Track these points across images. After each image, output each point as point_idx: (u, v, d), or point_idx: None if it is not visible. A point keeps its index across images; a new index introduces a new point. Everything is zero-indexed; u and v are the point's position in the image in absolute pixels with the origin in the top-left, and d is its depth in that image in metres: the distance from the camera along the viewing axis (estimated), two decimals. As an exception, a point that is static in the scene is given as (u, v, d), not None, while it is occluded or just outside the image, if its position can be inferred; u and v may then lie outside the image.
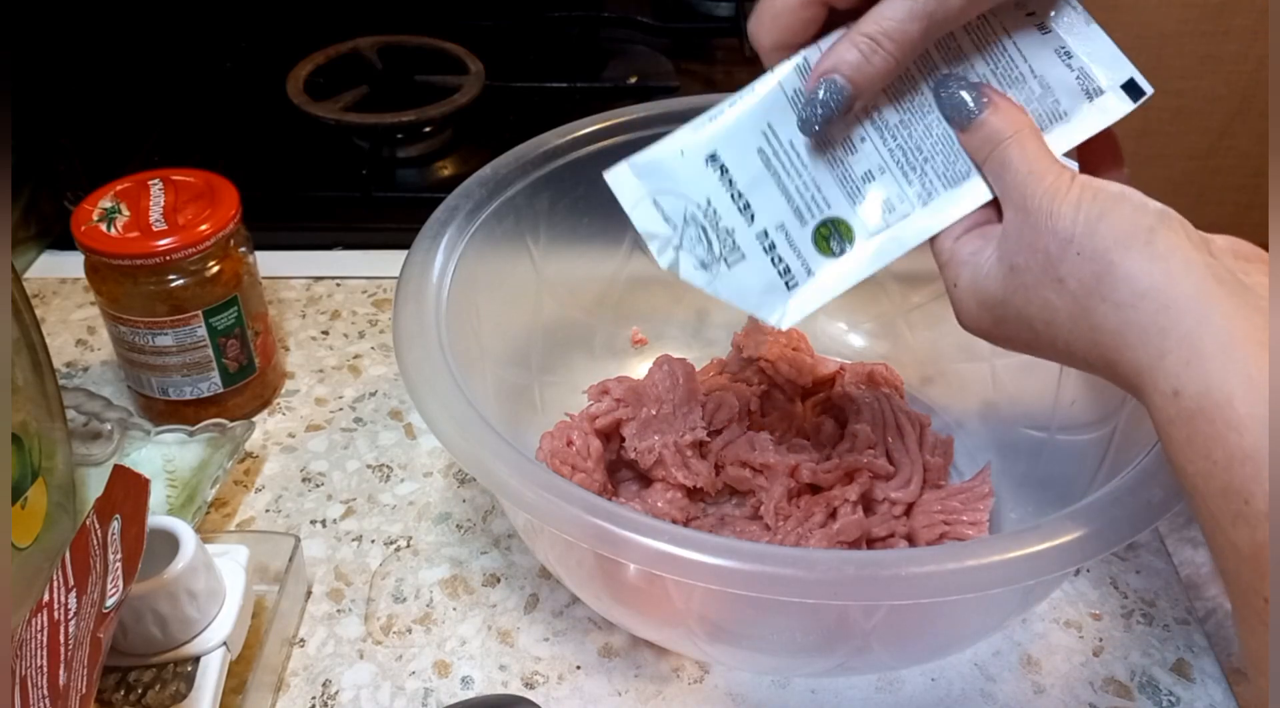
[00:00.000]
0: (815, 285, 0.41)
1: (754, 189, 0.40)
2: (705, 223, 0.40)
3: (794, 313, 0.41)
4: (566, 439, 0.51)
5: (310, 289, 0.72)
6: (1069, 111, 0.39)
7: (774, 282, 0.41)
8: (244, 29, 0.96)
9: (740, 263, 0.41)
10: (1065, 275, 0.34)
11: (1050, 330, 0.35)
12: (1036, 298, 0.35)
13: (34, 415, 0.48)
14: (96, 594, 0.37)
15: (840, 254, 0.40)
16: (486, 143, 0.77)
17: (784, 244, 0.40)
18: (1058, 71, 0.39)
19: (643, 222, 0.41)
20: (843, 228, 0.40)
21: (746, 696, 0.48)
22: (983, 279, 0.37)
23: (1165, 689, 0.48)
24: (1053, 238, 0.34)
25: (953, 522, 0.50)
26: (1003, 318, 0.37)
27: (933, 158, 0.39)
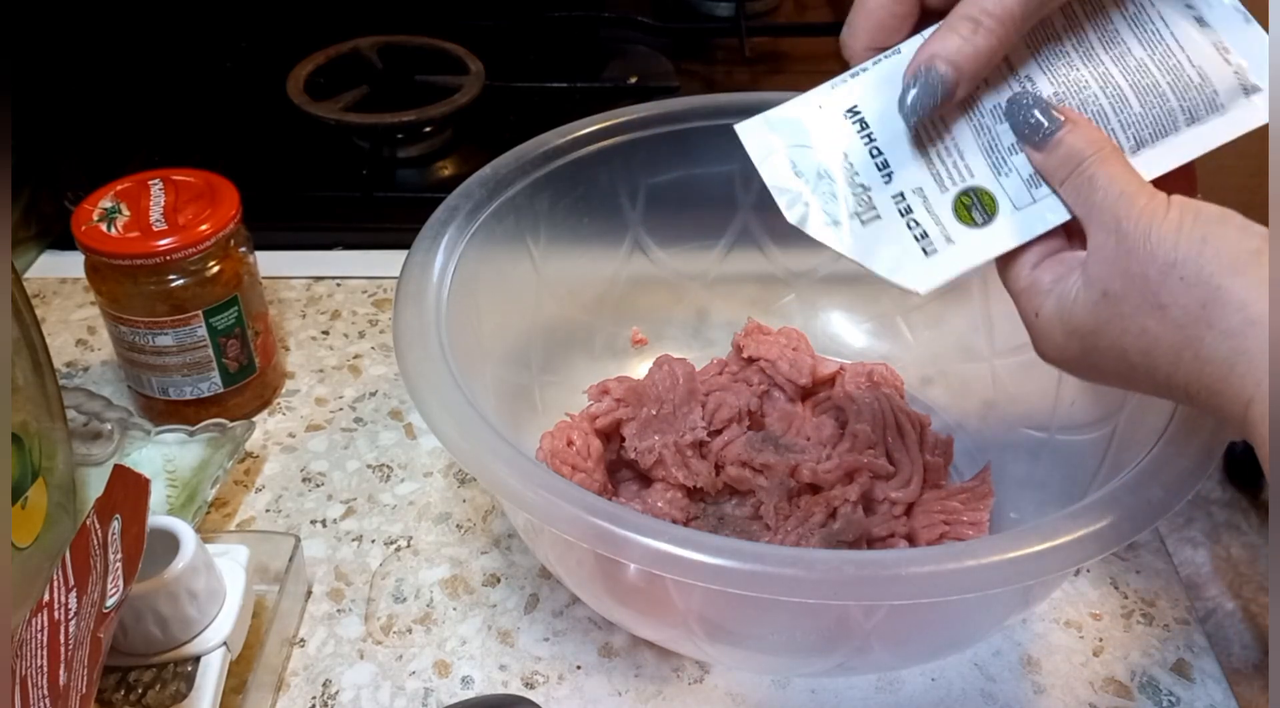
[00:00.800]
0: (955, 253, 0.39)
1: (894, 148, 0.39)
2: (840, 177, 0.39)
3: (932, 278, 0.39)
4: (567, 439, 0.51)
5: (310, 289, 0.72)
6: (1225, 104, 0.38)
7: (910, 246, 0.39)
8: (244, 29, 0.96)
9: (874, 222, 0.39)
10: (1168, 302, 0.32)
11: (1149, 361, 0.33)
12: (1134, 326, 0.33)
13: (34, 415, 0.48)
14: (97, 594, 0.37)
15: (982, 225, 0.38)
16: (487, 143, 0.77)
17: (921, 209, 0.39)
18: (1216, 64, 0.38)
19: (773, 175, 0.39)
20: (985, 198, 0.38)
21: (746, 696, 0.48)
22: (1070, 306, 0.35)
23: (1165, 689, 0.48)
24: (1152, 263, 0.32)
25: (953, 522, 0.51)
26: (1093, 348, 0.35)
27: None
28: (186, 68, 0.90)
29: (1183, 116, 0.38)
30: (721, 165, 0.59)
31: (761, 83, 0.92)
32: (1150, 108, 0.38)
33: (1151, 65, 0.38)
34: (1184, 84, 0.38)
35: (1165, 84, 0.38)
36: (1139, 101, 0.38)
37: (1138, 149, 0.38)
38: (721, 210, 0.61)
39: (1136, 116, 0.38)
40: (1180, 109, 0.38)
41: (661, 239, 0.61)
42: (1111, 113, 0.38)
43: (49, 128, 0.74)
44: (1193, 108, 0.38)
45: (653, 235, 0.61)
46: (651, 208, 0.60)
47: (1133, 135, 0.38)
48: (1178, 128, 0.38)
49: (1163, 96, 0.38)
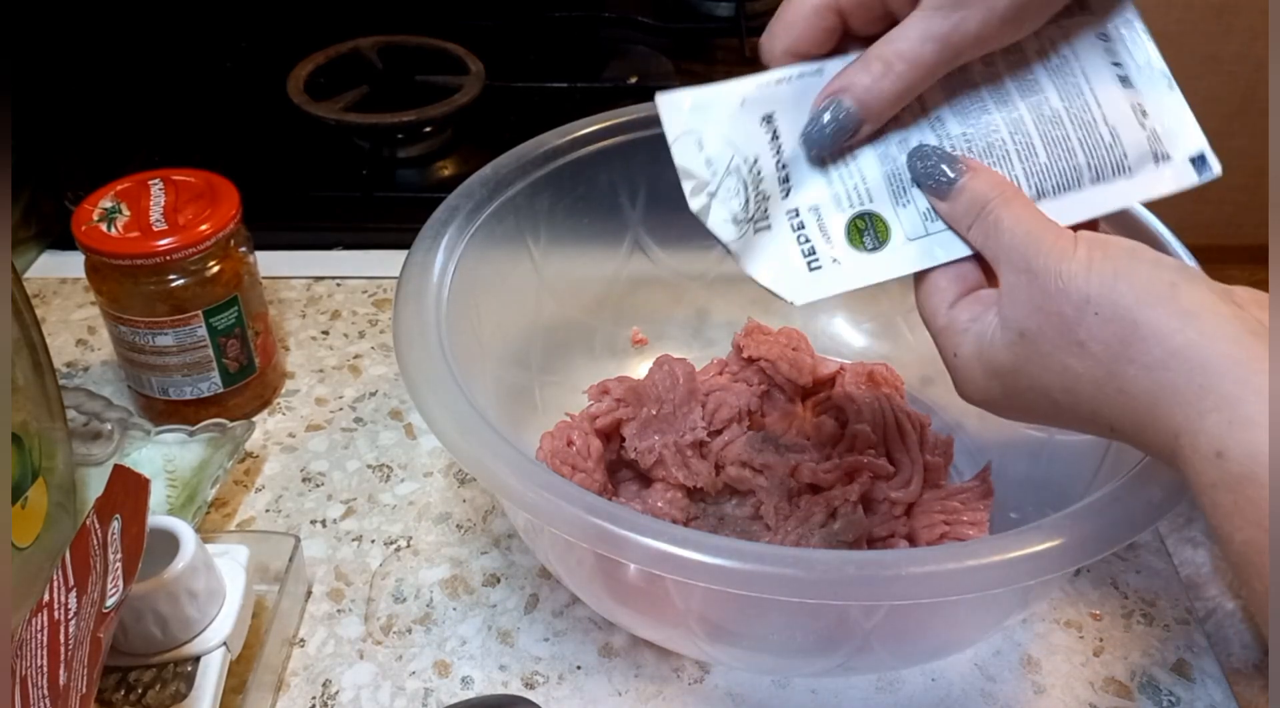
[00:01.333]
0: (839, 273, 0.39)
1: (797, 163, 0.39)
2: (747, 179, 0.39)
3: (810, 293, 0.39)
4: (567, 439, 0.51)
5: (310, 289, 0.72)
6: (1133, 169, 0.38)
7: (795, 260, 0.39)
8: (244, 29, 0.96)
9: (765, 232, 0.39)
10: (1085, 339, 0.32)
11: (1071, 398, 0.33)
12: (1055, 364, 0.33)
13: (34, 415, 0.48)
14: (97, 594, 0.37)
15: (872, 250, 0.39)
16: (487, 143, 0.77)
17: (814, 226, 0.39)
18: (1130, 127, 0.38)
19: (683, 157, 0.39)
20: (879, 224, 0.39)
21: (746, 696, 0.48)
22: (988, 347, 0.35)
23: (1165, 689, 0.48)
24: (1066, 300, 0.32)
25: (953, 522, 0.50)
26: (1014, 388, 0.35)
27: None
28: (187, 68, 0.90)
29: (1088, 174, 0.38)
30: (721, 165, 0.59)
31: (761, 83, 0.92)
32: (1056, 161, 0.38)
33: (1066, 119, 0.38)
34: (1094, 142, 0.38)
35: (1076, 139, 0.38)
36: (1046, 153, 0.38)
37: (1038, 199, 0.38)
38: (722, 210, 0.61)
39: (1042, 167, 0.38)
40: (1087, 166, 0.38)
41: (661, 239, 0.61)
42: (1017, 160, 0.38)
43: (49, 128, 0.74)
44: (1099, 167, 0.38)
45: (653, 235, 0.61)
46: (651, 208, 0.60)
47: (1035, 185, 0.38)
48: (1081, 185, 0.38)
49: (1071, 151, 0.38)
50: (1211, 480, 0.29)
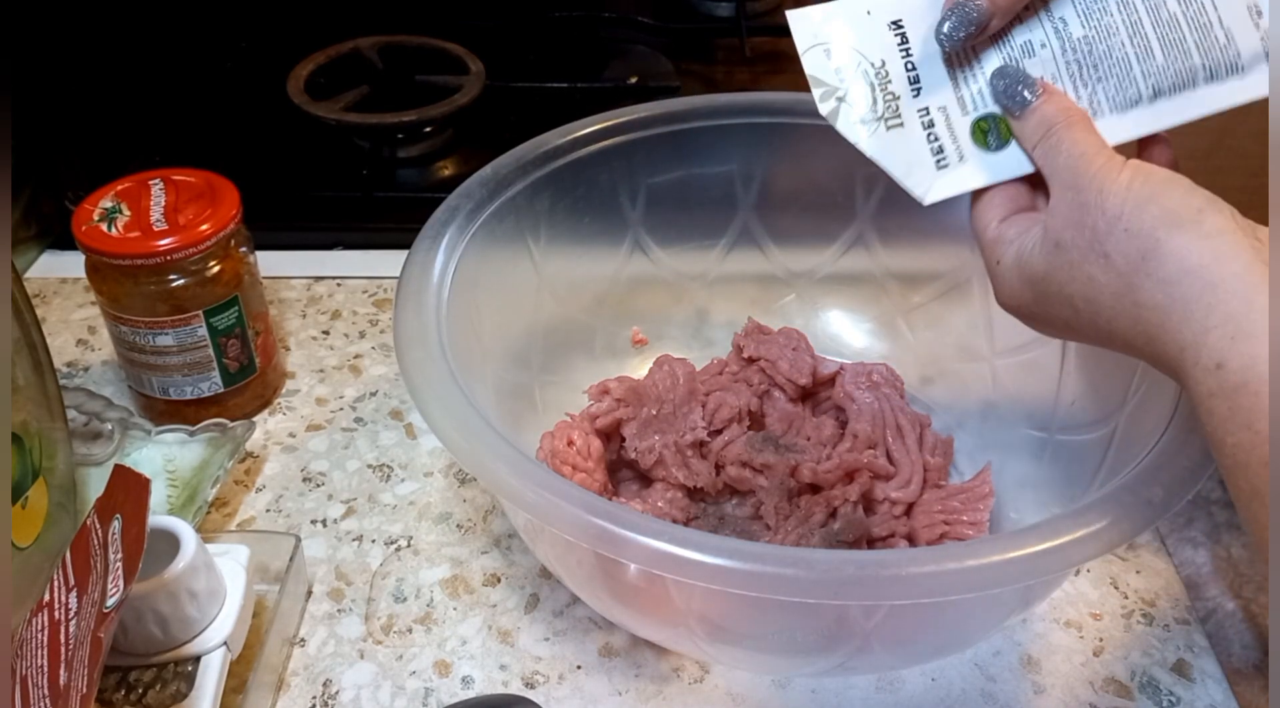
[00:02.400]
0: (965, 171, 0.41)
1: (927, 65, 0.41)
2: (874, 81, 0.41)
3: (939, 191, 0.42)
4: (567, 439, 0.51)
5: (311, 289, 0.72)
6: (1247, 68, 0.39)
7: (925, 157, 0.42)
8: (244, 29, 0.96)
9: (898, 129, 0.41)
10: (1111, 251, 0.34)
11: (1091, 308, 0.35)
12: (1080, 274, 0.35)
13: (34, 415, 0.48)
14: (97, 594, 0.37)
15: (995, 149, 0.41)
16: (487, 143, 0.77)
17: (942, 125, 0.41)
18: (1245, 28, 0.39)
19: (813, 66, 0.41)
20: (1002, 126, 0.41)
21: (747, 696, 0.48)
22: (1027, 254, 0.37)
23: (1165, 689, 0.48)
24: (1101, 215, 0.34)
25: (953, 522, 0.51)
26: (1044, 294, 0.37)
27: (1106, 80, 0.40)
28: (187, 68, 0.90)
29: (1203, 74, 0.40)
30: (721, 165, 0.59)
31: (762, 83, 0.91)
32: (1173, 61, 0.40)
33: (1183, 21, 0.39)
34: (1210, 43, 0.39)
35: (1192, 41, 0.39)
36: (1163, 54, 0.40)
37: (1154, 98, 0.40)
38: (722, 210, 0.61)
39: (1158, 68, 0.40)
40: (1202, 67, 0.40)
41: (662, 239, 0.61)
42: (1135, 62, 0.40)
43: (49, 128, 0.74)
44: (1214, 67, 0.39)
45: (653, 235, 0.61)
46: (652, 208, 0.60)
47: (1152, 85, 0.40)
48: (1195, 84, 0.40)
49: (1187, 52, 0.39)
50: (1210, 390, 0.31)
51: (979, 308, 0.58)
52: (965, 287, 0.59)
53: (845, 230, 0.61)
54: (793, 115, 0.58)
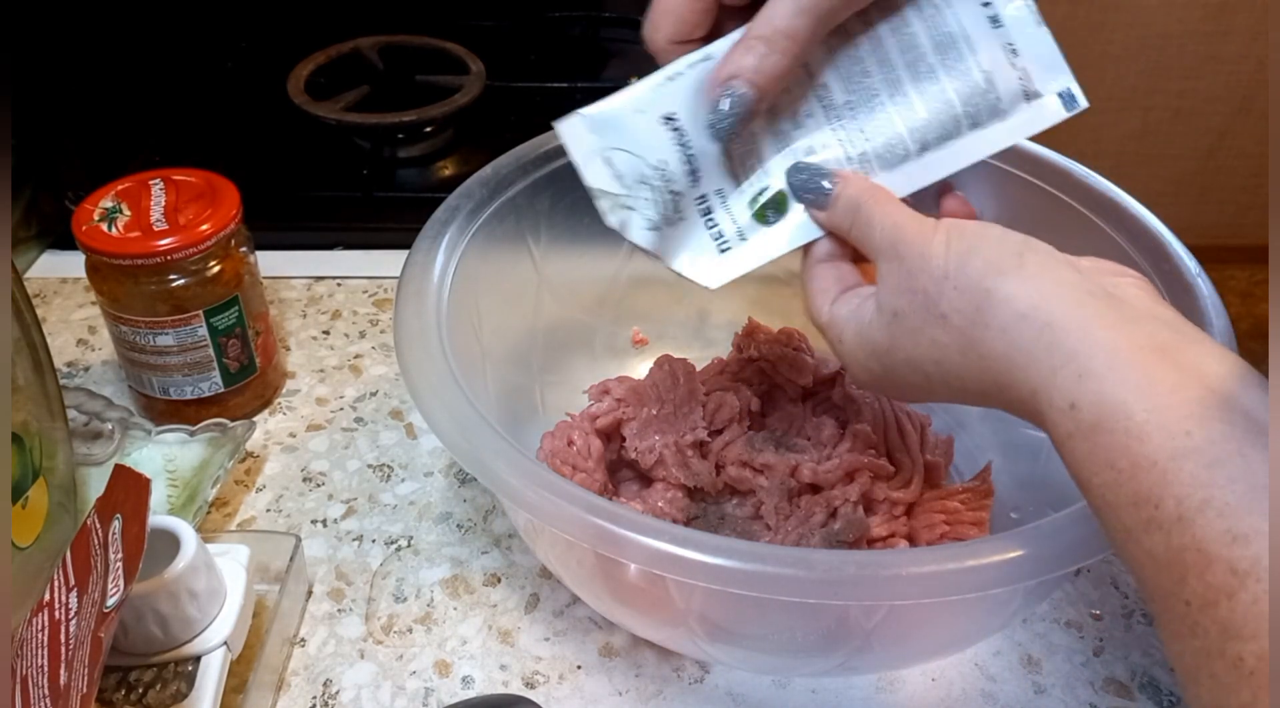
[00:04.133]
0: (746, 250, 0.42)
1: (704, 154, 0.41)
2: (658, 184, 0.41)
3: (723, 275, 0.42)
4: (567, 439, 0.51)
5: (311, 289, 0.72)
6: (1008, 110, 0.40)
7: (706, 245, 0.42)
8: (245, 29, 0.96)
9: (680, 224, 0.42)
10: (947, 311, 0.35)
11: (941, 369, 0.36)
12: (924, 339, 0.36)
13: (35, 415, 0.48)
14: (97, 594, 0.37)
15: (773, 222, 0.41)
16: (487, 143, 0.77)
17: (720, 210, 0.42)
18: (1003, 68, 0.40)
19: (594, 178, 0.41)
20: (779, 197, 0.41)
21: (747, 696, 0.48)
22: (867, 330, 0.38)
23: (1166, 690, 0.48)
24: (929, 278, 0.35)
25: (953, 522, 0.51)
26: (891, 366, 0.37)
27: (873, 140, 0.41)
28: (187, 68, 0.90)
29: (966, 122, 0.40)
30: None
31: (762, 83, 0.92)
32: (936, 114, 0.40)
33: (941, 72, 0.40)
34: (970, 90, 0.40)
35: (952, 90, 0.40)
36: (925, 108, 0.40)
37: (922, 152, 0.41)
38: (722, 210, 0.61)
39: (923, 123, 0.40)
40: (964, 115, 0.40)
41: (662, 239, 0.61)
42: (899, 118, 0.40)
43: (49, 128, 0.74)
44: (976, 114, 0.40)
45: (653, 235, 0.61)
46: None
47: (918, 140, 0.40)
48: (960, 133, 0.40)
49: (949, 103, 0.40)
50: (1068, 431, 0.31)
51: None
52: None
53: (845, 230, 0.61)
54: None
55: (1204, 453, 0.27)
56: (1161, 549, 0.28)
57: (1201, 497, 0.27)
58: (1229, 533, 0.26)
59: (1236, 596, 0.26)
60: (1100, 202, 0.51)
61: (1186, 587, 0.27)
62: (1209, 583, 0.26)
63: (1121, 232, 0.50)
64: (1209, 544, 0.27)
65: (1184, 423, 0.28)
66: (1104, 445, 0.30)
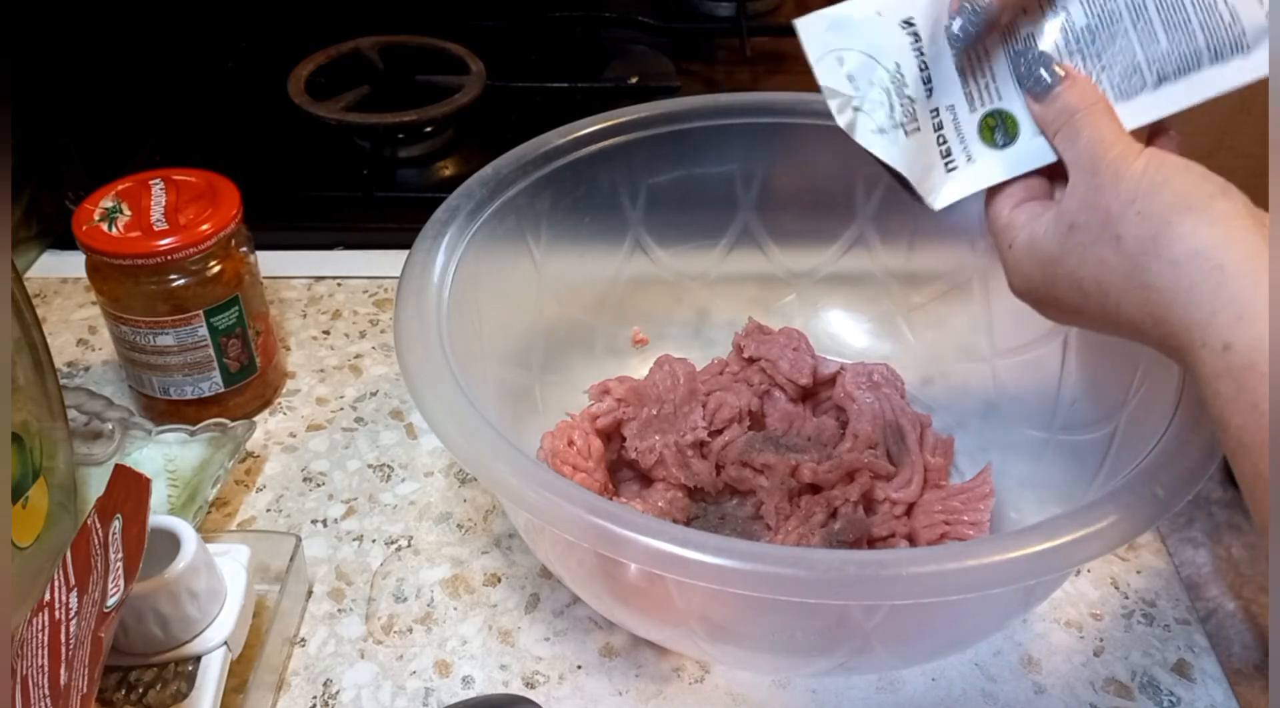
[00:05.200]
0: (972, 171, 0.41)
1: (938, 64, 0.40)
2: (891, 87, 0.40)
3: (947, 195, 0.41)
4: (567, 439, 0.51)
5: (311, 289, 0.72)
6: (1251, 45, 0.39)
7: (935, 161, 0.41)
8: (245, 29, 0.96)
9: (915, 134, 0.41)
10: (1123, 233, 0.34)
11: (1101, 290, 0.36)
12: (1092, 256, 0.36)
13: (35, 415, 0.48)
14: (98, 594, 0.37)
15: (1002, 147, 0.41)
16: (488, 143, 0.77)
17: (950, 127, 0.41)
18: (1249, 4, 0.39)
19: (827, 77, 0.40)
20: (1009, 121, 0.41)
21: (747, 696, 0.48)
22: (1040, 237, 0.38)
23: (1166, 690, 0.48)
24: (1115, 198, 0.35)
25: (953, 522, 0.51)
26: (1054, 276, 0.37)
27: (1110, 68, 0.40)
28: (187, 68, 0.90)
29: (1207, 54, 0.39)
30: (722, 165, 0.59)
31: (762, 83, 0.92)
32: (1177, 44, 0.39)
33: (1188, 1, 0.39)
34: (1214, 23, 0.39)
35: (1196, 22, 0.39)
36: (1167, 37, 0.39)
37: (1160, 84, 0.40)
38: (722, 210, 0.61)
39: (1163, 52, 0.39)
40: (1206, 47, 0.39)
41: (662, 239, 0.61)
42: (1139, 48, 0.39)
43: (49, 128, 0.74)
44: (1219, 47, 0.39)
45: (653, 235, 0.61)
46: (652, 208, 0.60)
47: (1157, 70, 0.39)
48: (1200, 66, 0.39)
49: (1192, 34, 0.39)
50: (1217, 370, 0.31)
51: (980, 308, 0.58)
52: (966, 287, 0.59)
53: (846, 230, 0.61)
54: (793, 115, 0.58)
55: None
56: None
57: None
58: None
59: None
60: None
61: None
62: None
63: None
64: None
65: None
66: (1251, 387, 0.30)
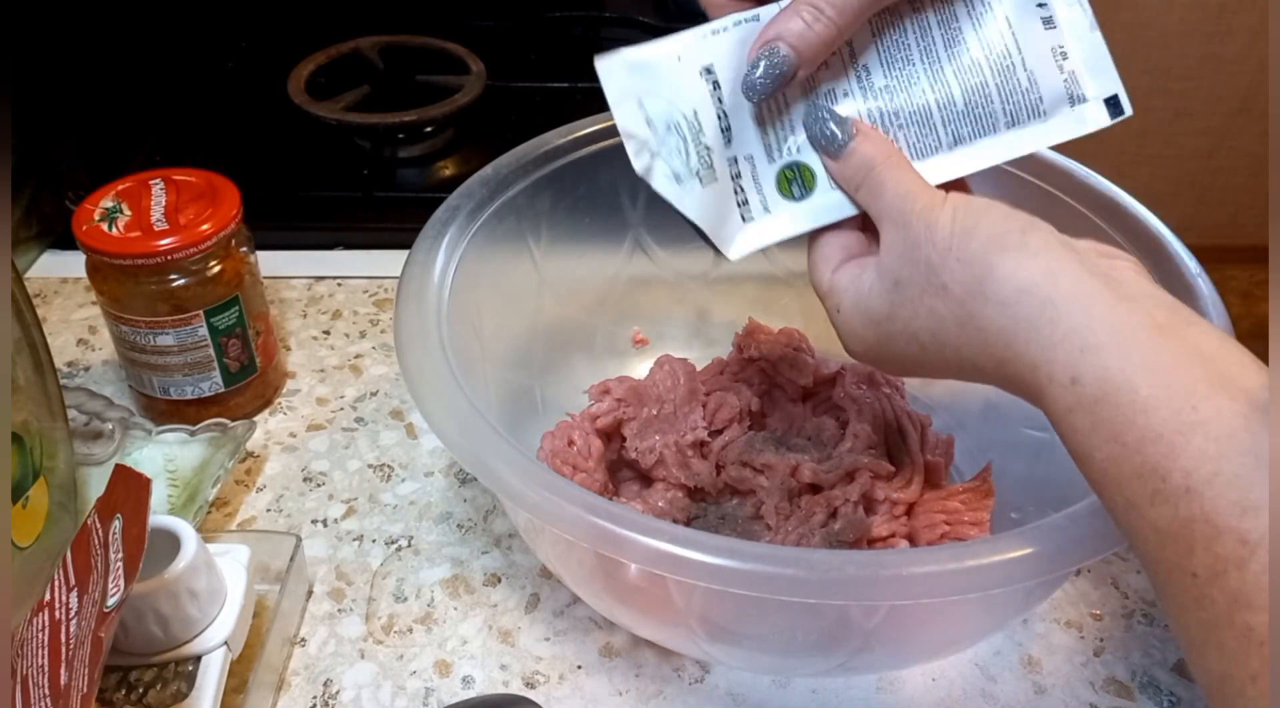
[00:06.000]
0: (769, 224, 0.41)
1: (737, 113, 0.40)
2: (688, 134, 0.40)
3: (743, 246, 0.41)
4: (568, 439, 0.51)
5: (311, 289, 0.72)
6: (1049, 112, 0.40)
7: (731, 211, 0.41)
8: (245, 29, 0.96)
9: (712, 183, 0.40)
10: (948, 282, 0.35)
11: (938, 341, 0.36)
12: (923, 309, 0.36)
13: (35, 415, 0.48)
14: (98, 594, 0.37)
15: (799, 199, 0.41)
16: (488, 143, 0.77)
17: (748, 176, 0.41)
18: (1049, 70, 0.39)
19: (625, 120, 0.40)
20: (806, 174, 0.41)
21: (747, 696, 0.48)
22: (865, 298, 0.38)
23: (1166, 690, 0.48)
24: (933, 248, 0.35)
25: (954, 522, 0.50)
26: (888, 334, 0.37)
27: (906, 128, 0.40)
28: (188, 68, 0.90)
29: (1004, 119, 0.40)
30: (722, 165, 0.59)
31: (762, 83, 0.92)
32: (974, 108, 0.40)
33: (985, 66, 0.40)
34: (1011, 88, 0.40)
35: (994, 87, 0.40)
36: (964, 101, 0.40)
37: (955, 146, 0.40)
38: (722, 210, 0.61)
39: (959, 114, 0.40)
40: (1002, 112, 0.40)
41: (662, 239, 0.61)
42: (935, 108, 0.40)
43: (49, 128, 0.74)
44: (1015, 112, 0.40)
45: (654, 235, 0.61)
46: (652, 208, 0.60)
47: (952, 131, 0.40)
48: (996, 130, 0.40)
49: (989, 98, 0.40)
50: (1069, 405, 0.31)
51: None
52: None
53: (846, 230, 0.61)
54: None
55: (1211, 427, 0.28)
56: (1168, 521, 0.28)
57: (1210, 469, 0.27)
58: (1238, 504, 0.27)
59: (1246, 566, 0.26)
60: (1100, 201, 0.51)
61: (1194, 559, 0.28)
62: (1217, 554, 0.27)
63: (1122, 231, 0.50)
64: (1218, 516, 0.27)
65: (1189, 398, 0.29)
66: (1108, 419, 0.30)
